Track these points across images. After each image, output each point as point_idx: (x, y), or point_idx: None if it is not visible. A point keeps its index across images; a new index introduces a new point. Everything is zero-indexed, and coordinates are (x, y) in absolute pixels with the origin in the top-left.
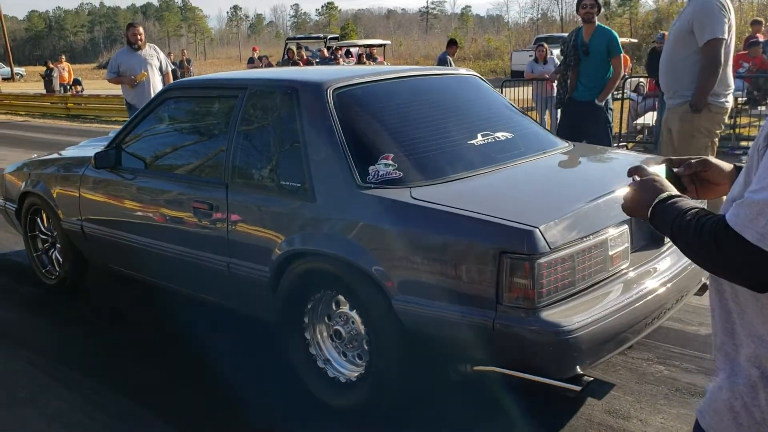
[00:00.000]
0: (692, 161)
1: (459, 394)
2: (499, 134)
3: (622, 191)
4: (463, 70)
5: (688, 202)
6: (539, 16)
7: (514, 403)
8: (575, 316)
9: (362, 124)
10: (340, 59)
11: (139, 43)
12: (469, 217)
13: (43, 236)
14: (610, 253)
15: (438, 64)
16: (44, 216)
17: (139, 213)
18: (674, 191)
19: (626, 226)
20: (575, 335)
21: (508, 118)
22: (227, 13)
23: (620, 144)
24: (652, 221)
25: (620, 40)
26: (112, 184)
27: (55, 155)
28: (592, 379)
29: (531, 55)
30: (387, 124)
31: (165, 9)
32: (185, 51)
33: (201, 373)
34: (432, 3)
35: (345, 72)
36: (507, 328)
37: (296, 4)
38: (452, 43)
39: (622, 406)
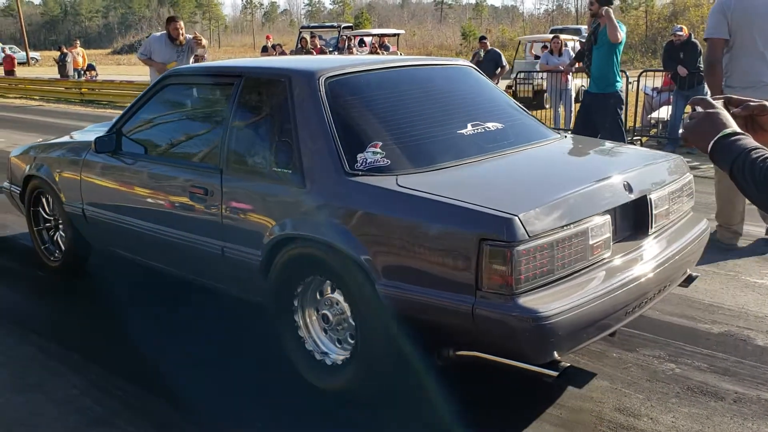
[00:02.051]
0: (751, 103)
1: (468, 385)
2: (489, 124)
3: (606, 183)
4: (459, 61)
5: (751, 141)
6: (554, 7)
7: (521, 397)
8: (553, 302)
9: (352, 113)
10: (354, 48)
11: (180, 38)
12: (450, 204)
13: (46, 219)
14: (591, 242)
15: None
16: (47, 199)
17: (138, 197)
18: (738, 129)
19: (608, 217)
20: (552, 321)
21: (500, 109)
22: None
23: (634, 138)
24: (711, 156)
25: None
26: (112, 168)
27: (60, 139)
28: (568, 365)
29: (545, 47)
30: (377, 112)
31: None
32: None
33: (211, 359)
34: None
35: (338, 61)
36: (486, 313)
37: None
38: (483, 39)
39: (633, 404)
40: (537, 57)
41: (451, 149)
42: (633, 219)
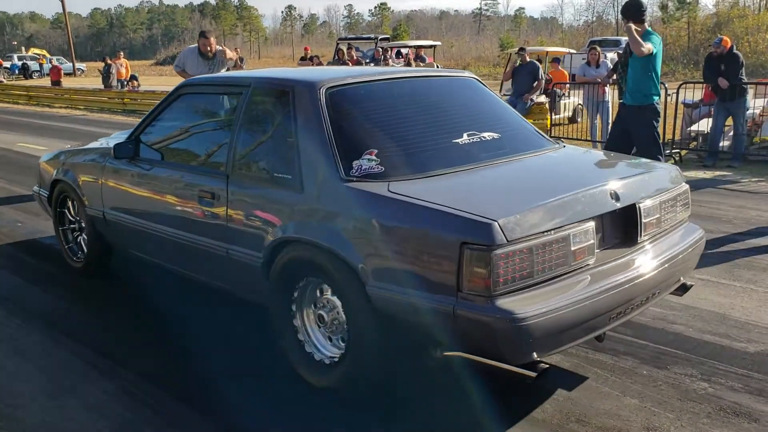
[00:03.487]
0: None
1: (490, 397)
2: (485, 134)
3: (590, 191)
4: (463, 73)
5: None
6: (594, 18)
7: (545, 413)
8: (531, 305)
9: (351, 122)
10: (390, 60)
11: (209, 54)
12: (435, 209)
13: (71, 221)
14: (573, 248)
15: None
16: (72, 202)
17: (153, 201)
18: None
19: (592, 223)
20: (529, 323)
21: (499, 119)
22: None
23: (673, 151)
24: None
25: (558, 49)
26: (130, 173)
27: (86, 146)
28: (548, 366)
29: (584, 59)
30: (375, 122)
31: (221, 8)
32: (239, 50)
33: (248, 369)
34: (485, 4)
35: (341, 72)
36: (466, 314)
37: (350, 5)
38: (522, 50)
39: (662, 424)
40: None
41: (444, 157)
42: (622, 227)
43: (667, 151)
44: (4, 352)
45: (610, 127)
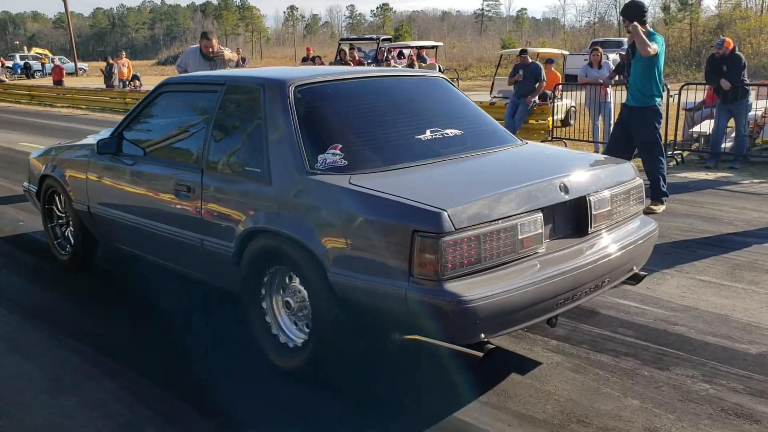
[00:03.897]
0: None
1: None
2: (448, 131)
3: (539, 184)
4: (432, 73)
5: None
6: (596, 19)
7: (545, 414)
8: (478, 289)
9: (318, 118)
10: (392, 60)
11: (210, 55)
12: (390, 200)
13: (59, 216)
14: (521, 236)
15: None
16: (60, 197)
17: (135, 195)
18: None
19: (540, 214)
20: (474, 305)
21: (464, 117)
22: (284, 12)
23: (675, 152)
24: None
25: (551, 50)
26: (113, 169)
27: (75, 142)
28: (494, 346)
29: (586, 59)
30: (341, 118)
31: (223, 8)
32: (240, 50)
33: (250, 372)
34: (487, 5)
35: (311, 71)
36: (416, 297)
37: (352, 5)
38: (523, 52)
39: (663, 425)
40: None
41: (406, 152)
42: (573, 218)
43: (669, 153)
44: (4, 350)
45: (611, 128)
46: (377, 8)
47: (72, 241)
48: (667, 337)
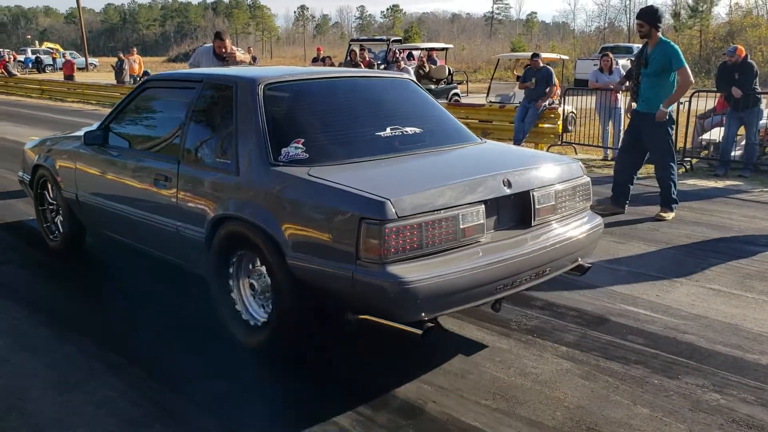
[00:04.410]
0: None
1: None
2: (407, 129)
3: (482, 178)
4: (400, 74)
5: None
6: (606, 25)
7: (554, 422)
8: (418, 271)
9: (284, 114)
10: (402, 62)
11: (223, 55)
12: (341, 190)
13: (50, 203)
14: (462, 226)
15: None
16: (50, 186)
17: (118, 184)
18: None
19: (482, 206)
20: (413, 285)
21: (426, 117)
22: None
23: (684, 159)
24: None
25: (549, 55)
26: (99, 159)
27: (67, 134)
28: (432, 324)
29: (595, 64)
30: (306, 115)
31: (234, 6)
32: (251, 48)
33: (257, 369)
34: (497, 8)
35: (281, 71)
36: (361, 278)
37: (362, 6)
38: (535, 56)
39: None
40: (519, 78)
41: (365, 147)
42: (518, 211)
43: (678, 160)
44: (11, 346)
45: (621, 134)
46: (387, 9)
47: (61, 228)
48: (677, 346)
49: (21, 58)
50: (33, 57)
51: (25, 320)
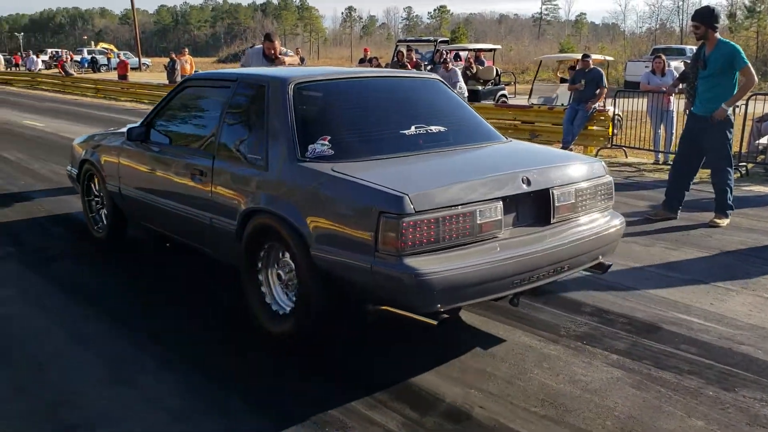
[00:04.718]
0: None
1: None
2: (432, 127)
3: (501, 176)
4: (428, 75)
5: None
6: (657, 26)
7: None
8: (434, 264)
9: (312, 113)
10: (449, 63)
11: (272, 57)
12: (363, 185)
13: (96, 196)
14: (479, 221)
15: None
16: (96, 180)
17: (158, 178)
18: None
19: (500, 203)
20: (430, 277)
21: (452, 116)
22: (342, 13)
23: (739, 164)
24: None
25: (601, 57)
26: (140, 154)
27: (113, 130)
28: (447, 316)
29: (647, 66)
30: (333, 113)
31: (283, 8)
32: (299, 49)
33: (303, 366)
34: (546, 9)
35: (311, 71)
36: (380, 270)
37: (409, 7)
38: (585, 57)
39: None
40: (564, 80)
41: (389, 145)
42: (537, 209)
43: (734, 165)
44: (65, 339)
45: (674, 137)
46: (434, 10)
47: (105, 220)
48: (733, 357)
49: (77, 58)
50: (89, 57)
51: (80, 315)
